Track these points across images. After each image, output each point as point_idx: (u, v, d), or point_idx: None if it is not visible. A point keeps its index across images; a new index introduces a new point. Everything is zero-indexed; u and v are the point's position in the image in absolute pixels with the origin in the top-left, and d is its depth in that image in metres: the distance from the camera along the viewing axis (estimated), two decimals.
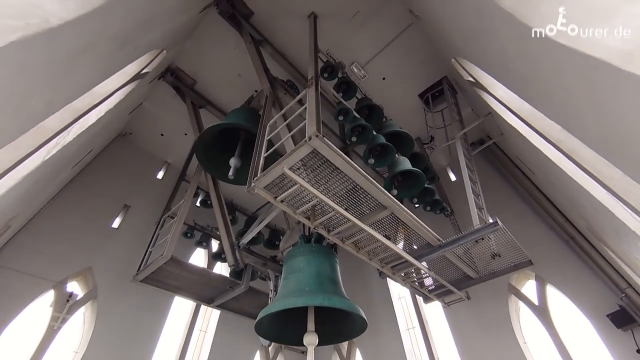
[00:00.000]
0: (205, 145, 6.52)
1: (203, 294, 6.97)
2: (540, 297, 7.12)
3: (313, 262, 4.89)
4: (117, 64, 4.80)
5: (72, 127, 4.65)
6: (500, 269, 5.83)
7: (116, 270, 7.81)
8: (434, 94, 8.67)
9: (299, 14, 7.28)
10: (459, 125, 7.03)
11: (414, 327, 8.99)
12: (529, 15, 2.83)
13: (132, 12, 4.04)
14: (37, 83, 2.88)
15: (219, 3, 7.11)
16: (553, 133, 4.11)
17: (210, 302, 7.05)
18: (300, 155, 3.79)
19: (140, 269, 6.32)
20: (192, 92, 8.81)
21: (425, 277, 6.03)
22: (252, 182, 4.11)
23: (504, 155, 8.70)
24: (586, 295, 6.44)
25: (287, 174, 3.73)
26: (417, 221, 4.71)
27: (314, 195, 3.86)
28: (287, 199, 4.20)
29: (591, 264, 6.51)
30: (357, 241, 4.83)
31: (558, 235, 7.23)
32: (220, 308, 7.26)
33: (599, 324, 6.08)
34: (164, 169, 10.71)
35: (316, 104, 4.38)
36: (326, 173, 4.10)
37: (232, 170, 5.87)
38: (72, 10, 2.67)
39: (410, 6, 7.05)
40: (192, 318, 8.98)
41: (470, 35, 4.50)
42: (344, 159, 3.85)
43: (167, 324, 8.29)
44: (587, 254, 6.59)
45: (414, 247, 5.52)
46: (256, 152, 4.58)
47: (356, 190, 4.27)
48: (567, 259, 6.94)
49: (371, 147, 6.12)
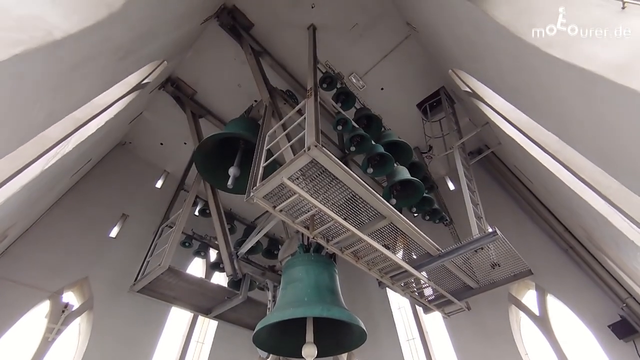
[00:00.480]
0: (205, 154, 6.54)
1: (200, 305, 6.89)
2: (540, 307, 7.07)
3: (312, 272, 4.86)
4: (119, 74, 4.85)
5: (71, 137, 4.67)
6: (500, 278, 5.79)
7: (113, 280, 7.72)
8: (432, 104, 8.76)
9: (299, 26, 7.41)
10: (457, 134, 7.09)
11: (414, 338, 8.87)
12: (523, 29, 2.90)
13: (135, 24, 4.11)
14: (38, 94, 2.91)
15: (220, 15, 7.24)
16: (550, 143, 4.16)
17: (207, 312, 6.96)
18: (299, 165, 3.81)
19: (138, 279, 6.26)
20: (192, 102, 8.87)
21: (425, 287, 5.99)
22: (251, 192, 4.11)
23: (502, 165, 8.74)
24: (587, 305, 6.39)
25: (286, 184, 3.74)
26: (416, 231, 4.70)
27: (313, 205, 3.87)
28: (286, 209, 4.19)
29: (591, 273, 6.49)
30: (356, 251, 4.81)
31: (557, 245, 7.22)
32: (217, 319, 7.17)
33: (600, 335, 6.03)
34: (163, 178, 10.70)
35: (315, 114, 4.42)
36: (325, 183, 4.11)
37: (231, 179, 5.87)
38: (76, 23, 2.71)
39: (408, 19, 7.19)
40: (189, 329, 8.85)
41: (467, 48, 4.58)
42: (342, 168, 3.87)
43: (163, 335, 8.16)
44: (586, 263, 6.57)
45: (414, 257, 5.49)
46: (255, 161, 4.60)
47: (355, 199, 4.28)
48: (567, 268, 6.92)
49: (370, 157, 6.15)
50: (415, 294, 6.07)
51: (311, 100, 4.75)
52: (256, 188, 4.01)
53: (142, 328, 7.77)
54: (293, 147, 4.46)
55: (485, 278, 5.86)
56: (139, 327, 7.72)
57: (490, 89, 4.84)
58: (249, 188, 4.23)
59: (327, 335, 4.84)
